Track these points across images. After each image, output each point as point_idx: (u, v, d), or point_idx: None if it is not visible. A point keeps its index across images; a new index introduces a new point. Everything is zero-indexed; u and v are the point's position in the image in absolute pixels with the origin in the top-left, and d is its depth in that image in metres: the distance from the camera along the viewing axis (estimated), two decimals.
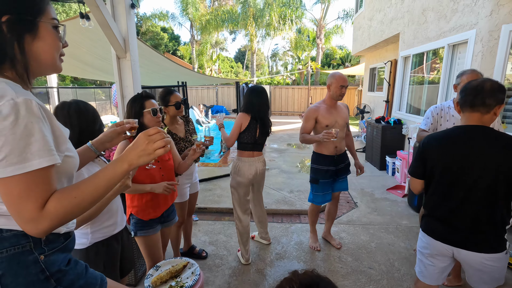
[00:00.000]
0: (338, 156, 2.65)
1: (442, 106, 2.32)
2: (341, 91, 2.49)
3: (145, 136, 0.80)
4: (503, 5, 3.17)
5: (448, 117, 2.26)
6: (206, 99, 17.15)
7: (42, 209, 0.68)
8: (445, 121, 2.27)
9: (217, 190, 4.32)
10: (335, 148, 2.61)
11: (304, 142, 2.59)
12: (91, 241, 1.36)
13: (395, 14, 6.03)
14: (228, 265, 2.59)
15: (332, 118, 2.54)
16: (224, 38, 33.80)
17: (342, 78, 2.50)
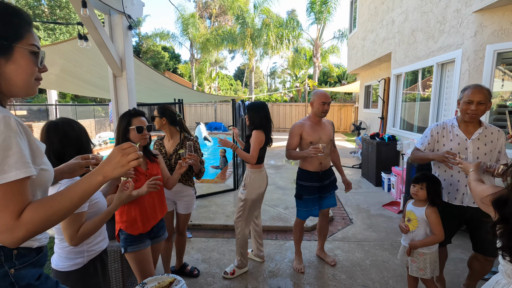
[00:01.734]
0: (323, 172, 2.67)
1: (445, 124, 2.14)
2: (323, 107, 2.54)
3: (119, 149, 0.86)
4: (486, 27, 3.32)
5: (452, 136, 2.08)
6: (205, 116, 17.33)
7: (18, 218, 0.71)
8: (447, 141, 2.09)
9: (212, 206, 4.29)
10: (320, 165, 2.63)
11: (290, 158, 2.64)
12: (87, 259, 1.40)
13: (386, 34, 6.25)
14: (221, 284, 2.54)
15: (316, 134, 2.58)
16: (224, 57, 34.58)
17: (323, 94, 2.55)
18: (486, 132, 2.02)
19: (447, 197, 2.10)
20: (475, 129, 2.02)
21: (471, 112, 1.93)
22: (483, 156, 1.98)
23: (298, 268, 2.75)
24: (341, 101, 17.11)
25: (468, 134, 2.02)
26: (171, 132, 2.40)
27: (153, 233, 1.87)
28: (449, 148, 2.04)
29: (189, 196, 2.47)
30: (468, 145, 2.00)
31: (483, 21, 3.33)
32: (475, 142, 2.00)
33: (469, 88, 1.97)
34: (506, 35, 3.16)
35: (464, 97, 1.96)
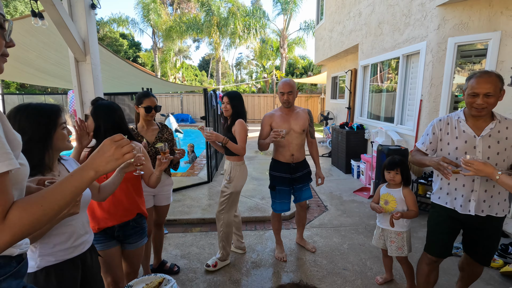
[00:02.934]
0: (295, 164, 2.64)
1: (449, 118, 1.80)
2: (283, 97, 2.53)
3: (112, 141, 0.78)
4: (448, 20, 3.53)
5: (458, 133, 1.73)
6: (170, 107, 16.65)
7: (3, 220, 0.59)
8: (453, 139, 1.75)
9: (186, 200, 4.14)
10: (292, 156, 2.61)
11: (260, 147, 2.62)
12: (39, 265, 1.15)
13: (353, 26, 6.42)
14: (203, 278, 2.46)
15: (286, 124, 2.55)
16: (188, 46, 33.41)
17: (280, 85, 2.55)
18: (500, 127, 1.65)
19: (453, 203, 1.79)
20: (486, 123, 1.66)
21: (477, 106, 1.58)
22: (496, 156, 1.64)
23: (280, 257, 2.76)
24: (307, 92, 17.48)
25: (477, 130, 1.67)
26: (147, 121, 2.25)
27: (121, 237, 1.66)
28: (454, 147, 1.73)
29: (169, 185, 2.40)
30: (477, 143, 1.66)
31: (445, 15, 3.54)
32: (486, 139, 1.65)
33: (474, 77, 1.59)
34: (466, 28, 3.40)
35: (468, 88, 1.60)
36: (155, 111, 2.19)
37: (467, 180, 1.71)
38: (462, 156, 1.62)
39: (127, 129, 1.72)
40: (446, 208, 1.82)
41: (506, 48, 3.09)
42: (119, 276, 1.65)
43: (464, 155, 1.64)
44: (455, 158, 1.73)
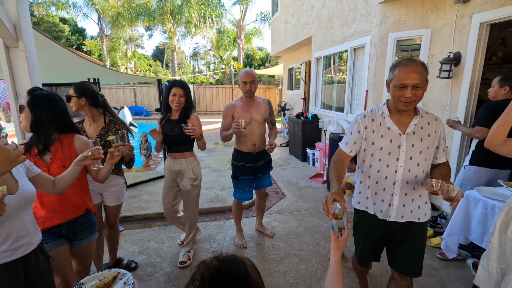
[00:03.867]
0: (257, 153, 2.69)
1: (373, 114, 1.54)
2: (245, 87, 2.54)
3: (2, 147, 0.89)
4: (388, 17, 3.84)
5: (383, 130, 1.49)
6: (122, 99, 15.63)
7: None
8: (378, 137, 1.50)
9: (143, 196, 4.00)
10: (254, 146, 2.66)
11: (223, 139, 2.60)
12: None
13: (307, 19, 6.64)
14: (162, 272, 2.44)
15: (247, 115, 2.58)
16: (140, 34, 31.45)
17: (242, 74, 2.55)
18: (423, 123, 1.47)
19: (373, 209, 1.59)
20: (410, 118, 1.47)
21: (406, 100, 1.36)
22: (418, 155, 1.46)
23: (240, 244, 2.83)
24: (266, 84, 17.70)
25: (402, 126, 1.47)
26: (93, 115, 2.07)
27: (69, 234, 1.57)
28: (379, 147, 1.49)
29: (117, 186, 2.19)
30: (401, 142, 1.46)
31: (386, 12, 3.85)
32: (410, 137, 1.45)
33: (400, 66, 1.36)
34: (403, 25, 3.73)
35: (395, 79, 1.37)
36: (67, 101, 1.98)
37: (388, 184, 1.51)
38: (386, 157, 1.48)
39: (71, 122, 1.60)
40: (368, 214, 1.62)
41: (436, 44, 3.47)
42: (70, 275, 1.57)
43: (387, 156, 1.47)
44: (378, 159, 1.51)
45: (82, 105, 2.01)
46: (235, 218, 2.92)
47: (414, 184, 1.50)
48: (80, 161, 1.40)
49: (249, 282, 0.61)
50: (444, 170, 1.49)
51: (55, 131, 1.52)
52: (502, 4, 2.68)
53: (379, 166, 1.52)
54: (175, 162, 2.41)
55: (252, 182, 2.78)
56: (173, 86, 2.27)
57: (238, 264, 0.63)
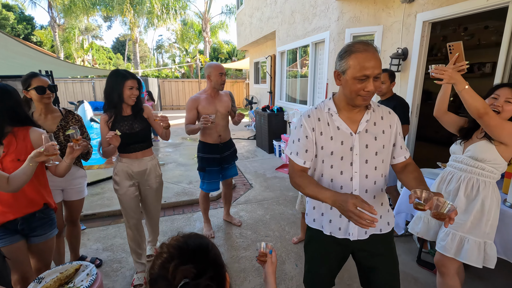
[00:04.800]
0: (223, 144, 2.76)
1: (319, 112, 1.27)
2: (221, 78, 2.60)
3: None
4: (345, 13, 4.06)
5: (332, 131, 1.23)
6: (80, 94, 14.64)
7: None
8: (327, 140, 1.24)
9: (106, 193, 3.87)
10: (219, 137, 2.72)
11: (188, 133, 2.62)
12: None
13: (270, 13, 6.74)
14: (129, 266, 2.42)
15: (212, 107, 2.61)
16: (98, 25, 29.47)
17: (219, 66, 2.62)
18: (376, 118, 1.25)
19: (329, 227, 1.32)
20: (361, 114, 1.24)
21: (366, 94, 1.11)
22: (374, 157, 1.23)
23: (208, 234, 2.89)
24: (232, 77, 17.64)
25: (352, 124, 1.23)
26: (47, 108, 1.98)
27: (26, 230, 1.52)
28: (329, 152, 1.23)
29: (82, 177, 2.17)
30: (353, 143, 1.21)
31: (343, 8, 4.06)
32: (363, 136, 1.22)
33: (357, 52, 1.08)
34: (358, 21, 3.97)
35: (352, 70, 1.09)
36: (50, 92, 1.89)
37: (344, 179, 1.25)
38: (338, 163, 1.23)
39: (25, 114, 1.53)
40: (323, 234, 1.35)
41: (387, 40, 3.75)
42: (27, 271, 1.52)
43: (339, 161, 1.23)
44: (330, 166, 1.24)
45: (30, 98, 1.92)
46: (202, 209, 2.96)
47: (374, 192, 1.26)
48: (34, 157, 1.35)
49: (214, 252, 0.68)
50: (416, 173, 1.24)
51: (8, 124, 1.45)
52: (441, 5, 2.98)
53: (331, 174, 1.25)
54: (136, 163, 2.13)
55: (219, 173, 2.84)
56: (127, 79, 1.97)
57: (201, 238, 0.70)
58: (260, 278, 2.28)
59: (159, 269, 0.61)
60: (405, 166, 1.32)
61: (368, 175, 1.23)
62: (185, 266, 0.59)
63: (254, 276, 2.31)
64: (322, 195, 1.12)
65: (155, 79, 14.49)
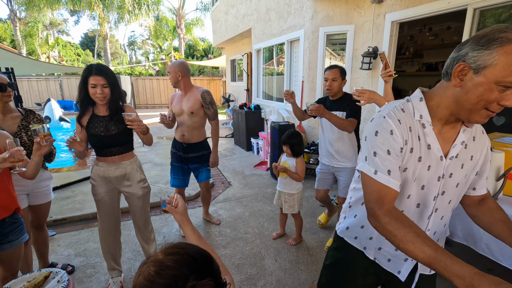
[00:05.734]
0: (186, 145, 2.66)
1: (408, 117, 0.89)
2: (171, 76, 2.52)
3: None
4: (319, 12, 4.15)
5: (423, 149, 0.90)
6: (46, 93, 13.80)
7: None
8: (414, 160, 0.90)
9: (77, 196, 3.70)
10: (183, 137, 2.65)
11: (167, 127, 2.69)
12: None
13: (246, 10, 6.72)
14: (103, 271, 2.34)
15: (178, 106, 2.57)
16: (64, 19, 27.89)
17: (171, 64, 2.56)
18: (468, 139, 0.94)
19: (375, 253, 1.10)
20: (456, 131, 0.91)
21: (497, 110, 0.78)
22: (454, 189, 0.96)
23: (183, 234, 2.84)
24: (209, 75, 17.43)
25: (444, 143, 0.91)
26: (4, 107, 1.85)
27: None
28: (413, 177, 0.92)
29: (48, 179, 2.06)
30: (443, 171, 0.92)
31: (316, 7, 4.14)
32: (453, 162, 0.92)
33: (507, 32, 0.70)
34: (331, 20, 4.07)
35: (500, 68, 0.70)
36: (11, 89, 1.77)
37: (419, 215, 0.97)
38: (417, 192, 0.94)
39: None
40: (362, 254, 1.12)
41: (359, 39, 3.88)
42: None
43: (419, 190, 0.94)
44: (407, 195, 0.94)
45: None
46: None
47: (437, 228, 1.01)
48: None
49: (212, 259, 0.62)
50: (502, 212, 0.97)
51: None
52: (407, 6, 3.13)
53: (404, 205, 0.95)
54: (113, 168, 1.95)
55: (183, 170, 2.80)
56: (90, 75, 1.77)
57: (194, 246, 0.63)
58: (241, 274, 2.29)
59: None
60: (482, 200, 1.02)
61: (439, 209, 0.97)
62: (203, 280, 0.54)
63: (234, 273, 2.32)
64: (447, 264, 0.68)
65: (127, 76, 13.97)
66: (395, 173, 0.87)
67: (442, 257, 0.70)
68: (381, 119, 0.89)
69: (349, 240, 1.14)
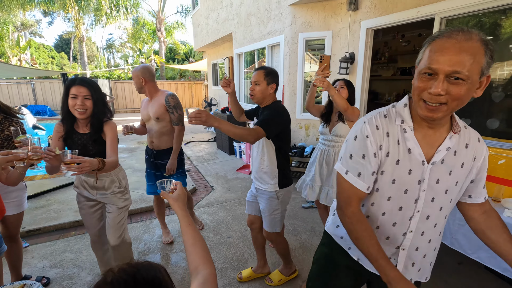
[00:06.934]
0: (156, 151, 2.59)
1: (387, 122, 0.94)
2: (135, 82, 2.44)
3: None
4: (298, 18, 4.25)
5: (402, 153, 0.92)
6: (17, 98, 13.14)
7: None
8: (392, 165, 0.93)
9: (52, 205, 3.55)
10: (152, 143, 2.59)
11: None
12: None
13: (227, 15, 6.76)
14: (82, 282, 2.26)
15: (145, 112, 2.53)
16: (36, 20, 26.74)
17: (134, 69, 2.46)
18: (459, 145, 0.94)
19: (358, 254, 1.10)
20: (443, 136, 0.92)
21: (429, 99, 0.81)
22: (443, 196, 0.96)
23: (166, 240, 2.81)
24: (190, 79, 17.28)
25: (428, 148, 0.92)
26: None
27: None
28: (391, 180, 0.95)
29: (19, 190, 1.93)
30: (424, 175, 0.92)
31: (295, 13, 4.24)
32: (437, 168, 0.92)
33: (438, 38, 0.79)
34: (310, 26, 4.19)
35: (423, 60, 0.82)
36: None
37: (396, 233, 1.01)
38: (399, 196, 0.96)
39: None
40: (346, 254, 1.14)
41: (336, 45, 4.01)
42: None
43: (401, 194, 0.95)
44: (387, 198, 0.97)
45: None
46: (156, 214, 2.90)
47: (431, 236, 1.01)
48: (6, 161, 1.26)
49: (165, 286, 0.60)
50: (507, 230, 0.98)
51: None
52: (381, 14, 3.28)
53: (386, 207, 0.98)
54: (92, 179, 1.86)
55: (155, 176, 2.70)
56: (72, 85, 1.66)
57: (153, 270, 0.61)
58: (224, 279, 2.29)
59: None
60: (485, 212, 1.01)
61: (430, 216, 0.97)
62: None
63: (217, 277, 2.31)
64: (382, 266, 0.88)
65: (106, 80, 13.60)
66: (365, 176, 0.94)
67: (381, 261, 0.89)
68: (361, 124, 0.96)
69: (336, 239, 1.17)
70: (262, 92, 1.88)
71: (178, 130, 2.53)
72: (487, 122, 2.71)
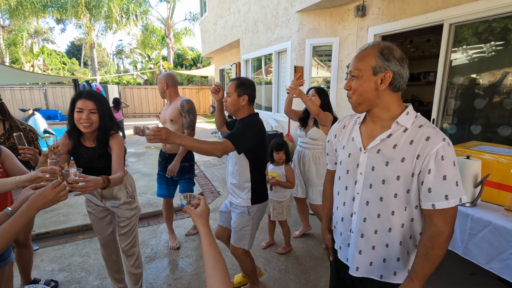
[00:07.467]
0: (168, 155, 2.68)
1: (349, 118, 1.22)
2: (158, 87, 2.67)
3: (52, 189, 1.03)
4: (305, 25, 4.27)
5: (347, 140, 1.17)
6: (30, 102, 13.46)
7: None
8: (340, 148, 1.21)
9: (61, 209, 3.60)
10: (165, 146, 2.70)
11: None
12: None
13: (234, 22, 6.83)
14: (89, 286, 2.27)
15: (163, 114, 2.68)
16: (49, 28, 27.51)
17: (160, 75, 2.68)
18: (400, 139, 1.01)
19: (337, 242, 1.25)
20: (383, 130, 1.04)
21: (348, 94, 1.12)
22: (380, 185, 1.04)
23: (173, 245, 2.81)
24: (198, 84, 17.45)
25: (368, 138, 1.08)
26: None
27: None
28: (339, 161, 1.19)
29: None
30: (360, 161, 1.08)
31: (303, 20, 4.27)
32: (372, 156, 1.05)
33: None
34: (317, 32, 4.20)
35: None
36: None
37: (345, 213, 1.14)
38: (344, 176, 1.13)
39: None
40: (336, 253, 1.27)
41: (343, 51, 4.01)
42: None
43: (345, 174, 1.12)
44: (338, 176, 1.18)
45: None
46: (164, 219, 2.92)
47: (376, 226, 1.05)
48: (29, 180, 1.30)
49: None
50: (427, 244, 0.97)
51: None
52: (388, 21, 3.28)
53: (338, 186, 1.18)
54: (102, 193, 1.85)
55: (166, 179, 2.76)
56: (78, 99, 1.61)
57: None
58: None
59: None
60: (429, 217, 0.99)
61: (370, 203, 1.05)
62: None
63: None
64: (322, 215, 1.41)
65: (115, 86, 13.85)
66: (330, 155, 1.32)
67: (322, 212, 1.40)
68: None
69: (334, 235, 1.30)
70: (233, 104, 1.78)
71: (187, 134, 2.55)
72: (498, 129, 2.66)
